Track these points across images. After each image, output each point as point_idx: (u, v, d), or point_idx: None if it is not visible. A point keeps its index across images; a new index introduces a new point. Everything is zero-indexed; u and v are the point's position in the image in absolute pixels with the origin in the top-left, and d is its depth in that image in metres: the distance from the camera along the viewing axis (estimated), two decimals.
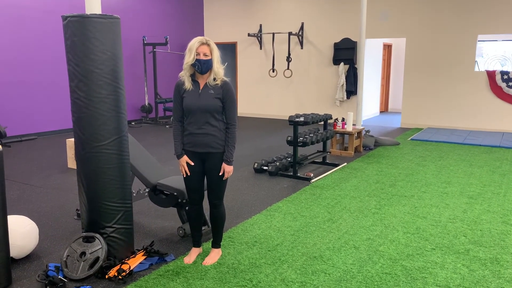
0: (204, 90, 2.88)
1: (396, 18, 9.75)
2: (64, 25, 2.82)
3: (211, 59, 2.82)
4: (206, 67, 2.82)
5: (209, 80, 2.87)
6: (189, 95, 2.88)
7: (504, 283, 2.86)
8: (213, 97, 2.86)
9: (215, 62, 2.83)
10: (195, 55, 2.78)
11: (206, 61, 2.80)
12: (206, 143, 2.91)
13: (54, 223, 3.95)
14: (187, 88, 2.88)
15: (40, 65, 8.50)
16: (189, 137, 2.94)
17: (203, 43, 2.80)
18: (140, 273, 2.98)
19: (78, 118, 2.89)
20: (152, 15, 10.75)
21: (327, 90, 10.80)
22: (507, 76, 8.86)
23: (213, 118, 2.89)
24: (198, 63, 2.80)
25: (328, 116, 6.26)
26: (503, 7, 8.72)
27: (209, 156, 2.95)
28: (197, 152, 2.95)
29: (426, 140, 8.13)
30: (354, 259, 3.20)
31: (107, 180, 2.95)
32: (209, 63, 2.82)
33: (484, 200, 4.61)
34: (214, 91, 2.87)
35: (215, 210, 3.09)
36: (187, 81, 2.88)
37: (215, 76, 2.86)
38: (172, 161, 6.37)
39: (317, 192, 4.89)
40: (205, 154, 2.95)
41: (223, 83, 2.89)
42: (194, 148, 2.95)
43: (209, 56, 2.81)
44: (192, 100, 2.87)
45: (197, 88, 2.90)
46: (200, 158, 2.97)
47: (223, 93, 2.88)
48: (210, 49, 2.81)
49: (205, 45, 2.80)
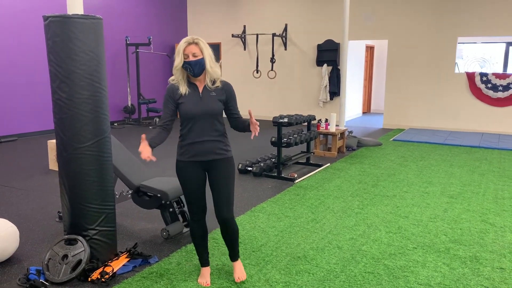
0: (205, 93, 2.64)
1: (378, 21, 9.87)
2: (45, 25, 2.78)
3: (203, 58, 2.55)
4: (198, 68, 2.56)
5: (207, 83, 2.64)
6: (188, 100, 2.61)
7: (483, 280, 2.93)
8: (216, 99, 2.64)
9: (207, 61, 2.57)
10: (182, 57, 2.54)
11: (196, 61, 2.54)
12: (209, 150, 2.66)
13: (35, 225, 3.89)
14: (184, 92, 2.61)
15: (20, 65, 8.35)
16: (189, 146, 2.65)
17: (189, 42, 2.55)
18: (124, 276, 2.95)
19: (60, 119, 2.86)
20: (135, 15, 10.66)
21: (311, 91, 10.87)
22: (486, 78, 9.05)
23: (217, 122, 2.66)
24: (188, 66, 2.55)
25: (311, 117, 6.30)
26: (482, 10, 8.90)
27: (214, 164, 2.68)
28: (199, 161, 2.67)
29: (408, 141, 8.24)
30: (338, 259, 3.23)
31: (90, 182, 2.92)
32: (201, 64, 2.56)
33: (464, 199, 4.70)
34: (216, 93, 2.65)
35: (230, 226, 2.73)
36: (183, 85, 2.62)
37: (211, 76, 2.62)
38: (156, 163, 6.33)
39: (301, 192, 4.92)
40: (209, 163, 2.68)
41: (223, 84, 2.69)
42: (196, 157, 2.65)
43: (199, 56, 2.54)
44: (194, 105, 2.60)
45: (195, 92, 2.64)
46: (202, 167, 2.69)
47: (226, 93, 2.69)
48: (200, 48, 2.55)
49: (192, 45, 2.55)
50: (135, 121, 10.51)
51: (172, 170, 5.90)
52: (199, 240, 2.83)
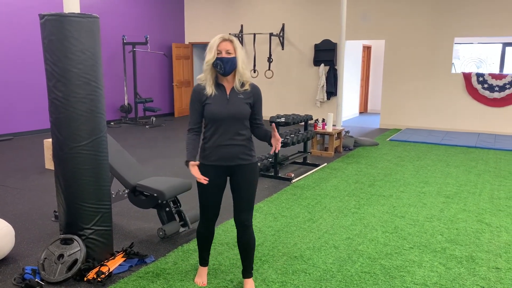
0: (233, 95, 2.53)
1: (375, 21, 9.88)
2: (41, 24, 2.77)
3: (235, 57, 2.46)
4: (229, 67, 2.46)
5: (236, 85, 2.53)
6: (214, 101, 2.50)
7: (479, 280, 2.94)
8: (244, 102, 2.54)
9: (239, 61, 2.48)
10: (216, 53, 2.45)
11: (228, 59, 2.44)
12: (234, 155, 2.55)
13: (31, 225, 3.87)
14: (210, 93, 2.50)
15: (16, 63, 8.31)
16: (213, 149, 2.54)
17: (224, 39, 2.46)
18: (120, 275, 2.95)
19: (56, 118, 2.85)
20: (132, 14, 10.63)
21: (308, 91, 10.87)
22: (482, 78, 9.07)
23: (243, 126, 2.56)
24: (220, 62, 2.44)
25: (308, 116, 6.30)
26: (478, 11, 8.92)
27: (238, 169, 2.59)
28: (223, 165, 2.57)
29: (404, 141, 8.26)
30: (334, 259, 3.23)
31: (86, 181, 2.91)
32: (233, 62, 2.46)
33: (460, 199, 4.71)
34: (244, 96, 2.54)
35: (247, 232, 2.66)
36: (210, 85, 2.51)
37: (240, 78, 2.52)
38: (152, 162, 6.32)
39: (298, 192, 4.92)
40: (232, 168, 2.58)
41: (252, 86, 2.58)
42: (219, 161, 2.55)
43: (232, 54, 2.45)
44: (220, 108, 2.49)
45: (223, 93, 2.53)
46: (224, 172, 2.59)
47: (254, 97, 2.58)
48: (234, 46, 2.47)
49: (227, 42, 2.46)
50: (132, 120, 10.49)
51: (168, 169, 5.90)
52: (205, 242, 2.79)
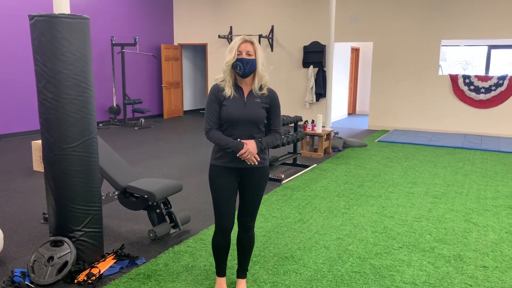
0: (250, 98, 2.51)
1: (363, 23, 9.97)
2: (31, 25, 2.75)
3: (255, 59, 2.45)
4: (249, 68, 2.44)
5: (254, 88, 2.51)
6: (231, 103, 2.48)
7: (466, 279, 2.98)
8: (260, 106, 2.52)
9: (259, 64, 2.46)
10: (236, 54, 2.43)
11: (249, 60, 2.43)
12: None
13: (19, 227, 3.83)
14: (228, 95, 2.48)
15: (3, 64, 8.22)
16: (226, 151, 2.50)
17: (246, 40, 2.46)
18: (111, 277, 2.93)
19: (46, 119, 2.83)
20: (121, 15, 10.58)
21: (297, 92, 10.92)
22: (468, 80, 9.21)
23: (257, 129, 2.54)
24: (240, 63, 2.42)
25: (298, 118, 6.33)
26: (465, 14, 9.06)
27: (249, 172, 2.56)
28: (234, 167, 2.53)
29: (393, 142, 8.34)
30: (325, 259, 3.26)
31: (76, 183, 2.89)
32: (252, 64, 2.44)
33: (448, 199, 4.78)
34: (261, 100, 2.52)
35: (248, 233, 2.69)
36: (229, 86, 2.48)
37: (259, 80, 2.50)
38: (142, 164, 6.30)
39: (288, 193, 4.94)
40: (244, 170, 2.55)
41: (269, 91, 2.56)
42: (231, 163, 2.51)
43: (252, 56, 2.44)
44: (237, 110, 2.47)
45: (240, 95, 2.51)
46: (236, 174, 2.56)
47: (270, 102, 2.55)
48: (254, 48, 2.45)
49: (248, 43, 2.45)
50: (120, 122, 10.42)
51: (158, 171, 5.88)
52: (222, 254, 2.70)
